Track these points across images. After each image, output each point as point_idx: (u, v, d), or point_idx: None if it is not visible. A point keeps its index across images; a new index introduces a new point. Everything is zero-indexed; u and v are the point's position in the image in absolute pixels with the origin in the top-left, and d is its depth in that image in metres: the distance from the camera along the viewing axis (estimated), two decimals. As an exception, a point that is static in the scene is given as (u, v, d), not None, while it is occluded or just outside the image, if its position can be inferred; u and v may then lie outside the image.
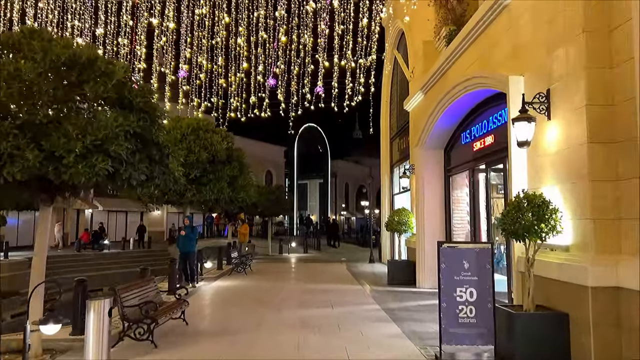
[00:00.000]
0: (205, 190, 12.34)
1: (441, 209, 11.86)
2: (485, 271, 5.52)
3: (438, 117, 10.86)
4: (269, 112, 17.15)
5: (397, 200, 18.73)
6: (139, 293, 6.86)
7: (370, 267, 17.38)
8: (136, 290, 6.80)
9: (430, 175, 11.94)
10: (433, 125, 11.21)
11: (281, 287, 12.05)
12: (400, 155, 17.74)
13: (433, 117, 11.11)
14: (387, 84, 19.32)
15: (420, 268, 11.81)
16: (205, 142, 12.47)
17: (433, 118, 11.12)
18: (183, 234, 12.09)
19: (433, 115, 11.09)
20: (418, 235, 11.96)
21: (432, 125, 11.24)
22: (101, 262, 26.05)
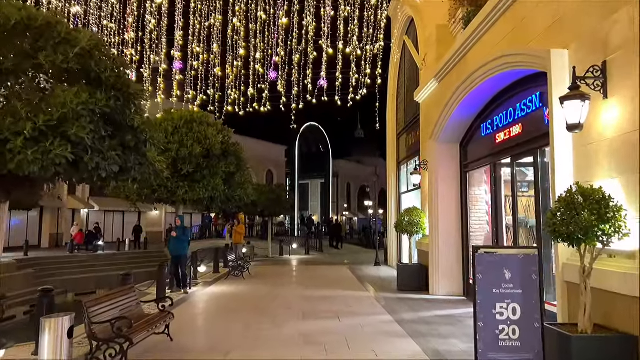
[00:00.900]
0: (199, 188, 11.31)
1: (457, 208, 10.82)
2: (531, 283, 4.48)
3: (455, 107, 9.82)
4: (268, 106, 16.22)
5: (404, 200, 17.70)
6: (113, 305, 5.83)
7: (376, 271, 16.34)
8: (109, 302, 5.76)
9: (444, 171, 10.89)
10: (449, 116, 10.18)
11: (281, 294, 11.01)
12: (408, 152, 16.71)
13: (449, 107, 10.07)
14: (393, 76, 18.29)
15: (434, 273, 10.76)
16: (199, 135, 11.45)
17: (449, 108, 10.08)
18: (174, 235, 11.06)
19: (449, 105, 10.06)
20: (431, 237, 10.92)
21: (448, 116, 10.20)
22: (94, 264, 25.04)
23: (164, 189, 11.23)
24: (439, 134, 10.78)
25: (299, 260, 21.34)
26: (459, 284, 10.66)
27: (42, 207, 31.52)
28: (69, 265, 24.16)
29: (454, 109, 9.90)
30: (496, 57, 7.46)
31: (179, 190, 11.16)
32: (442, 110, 10.43)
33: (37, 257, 23.49)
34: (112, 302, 5.83)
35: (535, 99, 7.38)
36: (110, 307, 5.72)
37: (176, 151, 11.06)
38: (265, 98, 15.71)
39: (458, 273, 10.68)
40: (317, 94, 14.52)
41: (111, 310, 5.71)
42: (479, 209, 10.54)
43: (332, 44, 12.54)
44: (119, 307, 5.96)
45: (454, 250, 10.71)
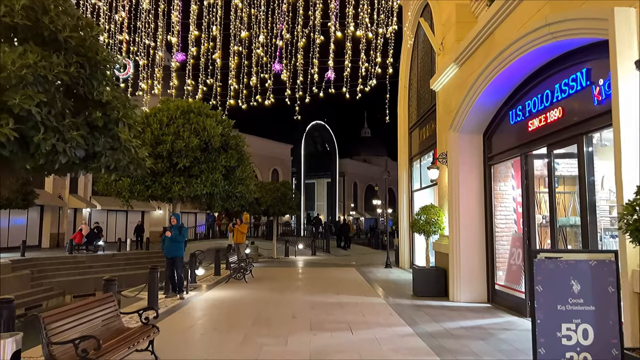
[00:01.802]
0: (196, 183, 10.34)
1: (480, 205, 9.77)
2: (608, 297, 3.48)
3: (479, 92, 8.79)
4: (272, 99, 15.39)
5: (416, 198, 16.67)
6: (84, 319, 4.86)
7: (388, 273, 15.31)
8: (78, 315, 4.79)
9: (466, 165, 9.86)
10: (472, 103, 9.14)
11: (286, 300, 10.02)
12: (421, 147, 15.68)
13: (472, 93, 9.04)
14: (405, 66, 17.24)
15: (455, 277, 9.73)
16: (196, 126, 10.48)
17: (472, 94, 9.05)
18: (168, 235, 10.10)
19: (472, 90, 9.02)
20: (451, 237, 9.88)
21: (471, 103, 9.16)
22: (93, 265, 24.22)
23: (158, 185, 10.28)
24: (460, 123, 9.74)
25: (305, 262, 20.35)
26: (483, 290, 9.62)
27: (42, 206, 30.82)
28: (67, 266, 23.36)
29: (478, 95, 8.87)
30: (536, 29, 6.42)
31: (174, 186, 10.20)
32: (464, 97, 9.40)
33: (34, 257, 22.68)
34: (82, 315, 4.86)
35: (580, 77, 6.34)
36: (79, 322, 4.75)
37: (171, 143, 10.11)
38: (269, 89, 14.80)
39: (481, 277, 9.63)
40: (324, 86, 13.73)
41: (80, 326, 4.75)
42: (504, 206, 9.49)
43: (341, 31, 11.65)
44: (91, 321, 4.99)
45: (476, 252, 9.67)
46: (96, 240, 26.70)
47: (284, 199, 20.94)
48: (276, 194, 20.45)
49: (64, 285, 22.24)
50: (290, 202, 21.27)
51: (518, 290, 8.42)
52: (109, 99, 4.23)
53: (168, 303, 9.55)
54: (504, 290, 9.03)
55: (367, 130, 77.42)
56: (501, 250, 9.43)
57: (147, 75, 14.89)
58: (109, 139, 4.32)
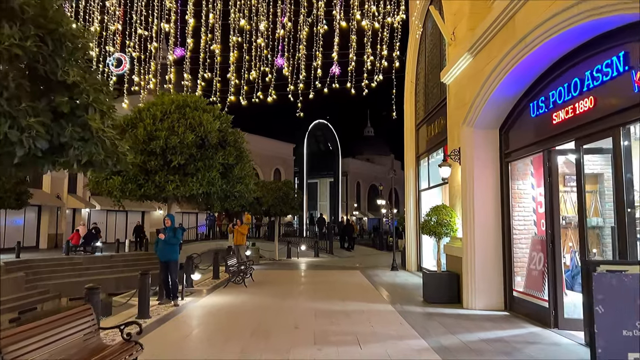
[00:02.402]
0: (192, 182, 9.68)
1: (496, 205, 9.08)
2: (685, 321, 2.78)
3: (497, 84, 8.10)
4: (274, 95, 14.80)
5: (424, 198, 16.00)
6: (53, 338, 4.20)
7: (394, 277, 14.63)
8: (46, 334, 4.13)
9: (481, 162, 9.17)
10: (488, 95, 8.45)
11: (287, 307, 9.35)
12: (429, 144, 15.01)
13: (489, 84, 8.36)
14: (412, 61, 16.56)
15: (469, 283, 9.04)
16: (192, 121, 9.83)
17: (489, 86, 8.37)
18: (162, 238, 9.45)
19: (489, 82, 8.34)
20: (465, 240, 9.20)
21: (487, 95, 8.48)
22: (90, 267, 23.63)
23: (151, 184, 9.62)
24: (475, 117, 9.05)
25: (308, 264, 19.69)
26: (499, 296, 8.93)
27: (39, 206, 30.27)
28: (63, 268, 22.78)
29: (496, 86, 8.18)
30: (567, 7, 5.74)
31: (168, 185, 9.55)
32: (479, 90, 8.72)
33: (29, 259, 22.10)
34: (51, 332, 4.21)
35: (617, 61, 5.65)
36: (47, 342, 4.09)
37: (165, 139, 9.46)
38: (271, 85, 14.31)
39: (498, 283, 8.95)
40: (328, 81, 13.24)
41: (48, 346, 4.09)
42: (523, 206, 8.80)
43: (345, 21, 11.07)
44: (63, 339, 4.34)
45: (492, 255, 8.99)
46: (94, 241, 26.10)
47: (286, 199, 20.28)
48: (278, 194, 19.78)
49: (60, 287, 21.66)
50: (292, 202, 20.60)
51: (540, 297, 7.74)
52: (77, 81, 3.56)
53: (161, 311, 8.90)
54: (523, 297, 8.35)
55: (370, 130, 76.77)
56: (519, 254, 8.75)
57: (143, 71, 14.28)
58: (77, 128, 3.64)
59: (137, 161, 9.55)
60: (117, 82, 12.72)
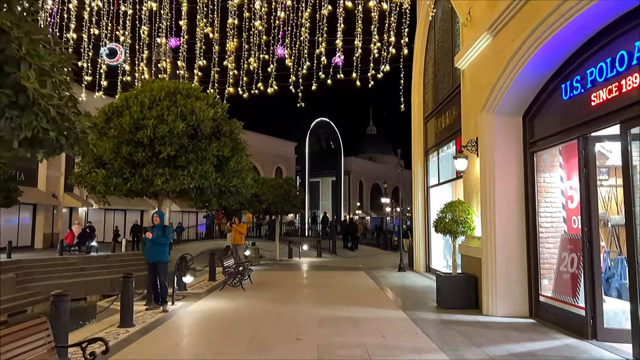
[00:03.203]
0: (183, 176, 8.80)
1: (519, 201, 8.18)
2: None
3: (524, 63, 7.19)
4: (275, 86, 13.98)
5: (433, 194, 15.11)
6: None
7: (402, 278, 13.73)
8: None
9: (502, 153, 8.26)
10: (513, 77, 7.54)
11: (288, 314, 8.46)
12: (438, 138, 14.12)
13: (513, 65, 7.45)
14: (420, 50, 15.66)
15: (489, 287, 8.14)
16: (183, 109, 8.95)
17: (513, 67, 7.46)
18: (149, 237, 8.58)
19: (513, 62, 7.43)
20: (485, 239, 8.29)
21: (512, 77, 7.57)
22: (85, 267, 22.78)
23: (139, 178, 8.75)
24: (495, 103, 8.15)
25: (310, 264, 18.80)
26: (524, 302, 8.03)
27: (34, 205, 29.47)
28: (57, 269, 21.92)
29: (522, 67, 7.28)
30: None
31: (156, 179, 8.67)
32: (501, 72, 7.81)
33: (21, 259, 21.26)
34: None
35: (678, 26, 4.74)
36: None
37: (153, 129, 8.58)
38: (271, 75, 13.57)
39: (522, 287, 8.04)
40: (331, 72, 12.52)
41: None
42: (550, 201, 7.90)
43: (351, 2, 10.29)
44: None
45: (515, 256, 8.09)
46: (89, 240, 25.26)
47: (287, 197, 19.38)
48: (279, 191, 18.89)
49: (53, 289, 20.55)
50: (294, 200, 19.71)
51: (573, 304, 6.83)
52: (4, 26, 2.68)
53: (147, 317, 8.02)
54: (552, 303, 7.44)
55: (372, 128, 75.98)
56: (546, 255, 7.84)
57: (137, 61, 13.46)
58: (6, 90, 2.77)
59: (123, 153, 8.69)
60: (109, 75, 11.95)
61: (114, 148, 8.69)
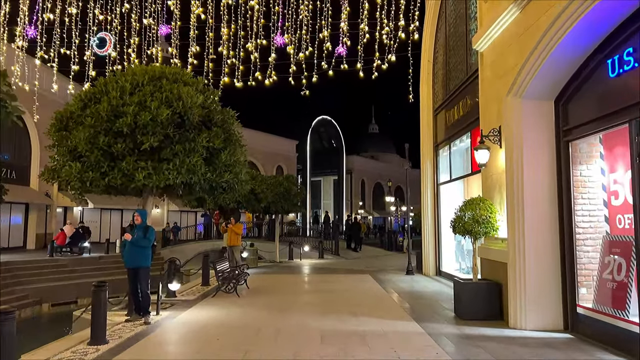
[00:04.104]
0: (168, 169, 7.77)
1: (551, 197, 7.14)
2: None
3: (563, 35, 6.14)
4: (274, 77, 13.01)
5: (443, 192, 14.08)
6: None
7: (412, 283, 12.68)
8: None
9: (531, 142, 7.22)
10: (547, 53, 6.49)
11: (287, 326, 7.43)
12: (450, 131, 13.09)
13: (549, 38, 6.39)
14: (429, 36, 14.61)
15: (517, 295, 7.09)
16: (169, 95, 7.91)
17: (549, 40, 6.40)
18: (128, 239, 7.56)
19: (549, 35, 6.38)
20: (513, 241, 7.24)
21: (546, 53, 6.52)
22: (76, 269, 21.78)
23: (118, 172, 7.71)
24: (524, 85, 7.10)
25: (312, 267, 17.76)
26: (557, 313, 6.98)
27: (26, 204, 28.49)
28: (46, 271, 20.89)
29: (559, 40, 6.24)
30: None
31: (137, 173, 7.64)
32: (532, 49, 6.76)
33: (9, 260, 20.24)
34: None
35: None
36: None
37: (133, 116, 7.55)
38: (270, 65, 12.65)
39: (555, 296, 7.00)
40: (334, 63, 11.66)
41: None
42: (588, 198, 6.85)
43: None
44: None
45: (548, 261, 7.04)
46: (81, 241, 24.26)
47: (288, 195, 18.34)
48: (278, 189, 17.84)
49: (42, 292, 19.81)
50: (294, 199, 18.66)
51: (621, 317, 5.80)
52: None
53: (125, 331, 6.99)
54: (593, 315, 6.40)
55: (374, 126, 74.98)
56: (584, 259, 6.80)
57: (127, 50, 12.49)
58: None
59: (100, 143, 7.67)
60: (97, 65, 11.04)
61: (89, 138, 7.66)
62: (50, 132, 8.39)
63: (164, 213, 38.75)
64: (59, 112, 8.38)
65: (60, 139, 8.20)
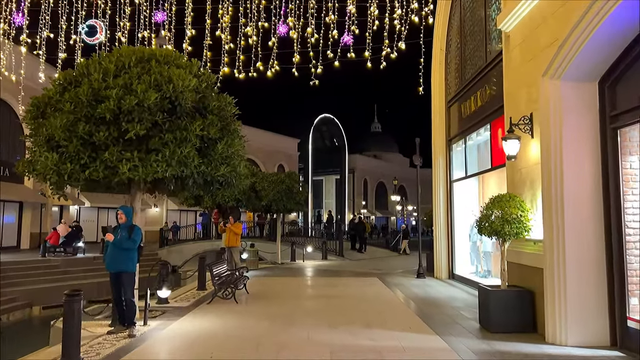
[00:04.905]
0: (156, 161, 6.85)
1: (596, 193, 6.21)
2: None
3: (613, 5, 5.22)
4: (277, 67, 12.25)
5: (457, 190, 13.17)
6: None
7: (425, 287, 11.75)
8: None
9: (573, 129, 6.29)
10: (595, 26, 5.57)
11: (290, 342, 6.50)
12: (463, 125, 12.19)
13: (597, 10, 5.47)
14: (441, 23, 13.68)
15: (556, 305, 6.16)
16: (157, 77, 6.99)
17: (596, 13, 5.48)
18: (110, 240, 6.65)
19: (597, 6, 5.45)
20: (550, 243, 6.31)
21: (593, 27, 5.59)
22: (70, 270, 20.91)
23: (100, 164, 6.80)
24: (566, 64, 6.16)
25: (315, 268, 16.84)
26: (603, 327, 6.05)
27: (20, 203, 27.62)
28: (38, 272, 20.00)
29: (610, 10, 5.30)
30: None
31: (122, 165, 6.73)
32: (576, 23, 5.83)
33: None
34: None
35: None
36: None
37: (117, 101, 6.64)
38: (273, 56, 11.86)
39: (601, 307, 6.07)
40: (339, 53, 10.89)
41: None
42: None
43: None
44: None
45: (591, 266, 6.12)
46: (76, 241, 23.36)
47: (290, 194, 17.41)
48: (280, 187, 16.92)
49: (32, 294, 18.91)
50: (297, 197, 17.74)
51: (689, 336, 4.87)
52: None
53: (105, 346, 6.07)
54: (649, 331, 5.48)
55: (377, 125, 74.13)
56: (635, 265, 5.87)
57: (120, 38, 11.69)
58: None
59: (80, 132, 6.75)
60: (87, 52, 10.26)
61: (67, 126, 6.74)
62: (26, 119, 7.48)
63: (162, 212, 37.87)
64: (36, 97, 7.47)
65: (37, 127, 7.29)
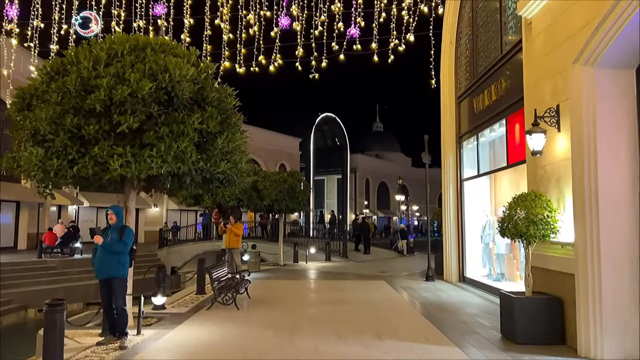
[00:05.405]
0: (151, 157, 6.29)
1: (633, 192, 5.64)
2: None
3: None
4: (280, 61, 11.79)
5: (467, 189, 12.61)
6: None
7: (435, 291, 11.17)
8: None
9: (609, 121, 5.72)
10: (637, 7, 5.00)
11: (295, 354, 5.94)
12: (475, 121, 11.62)
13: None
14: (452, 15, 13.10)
15: (590, 315, 5.59)
16: (153, 66, 6.44)
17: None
18: (99, 242, 6.09)
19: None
20: (583, 246, 5.74)
21: (635, 7, 5.02)
22: (66, 271, 20.40)
23: (89, 159, 6.24)
24: (600, 51, 5.59)
25: (320, 270, 16.27)
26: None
27: (17, 202, 27.09)
28: (33, 273, 19.50)
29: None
30: None
31: (113, 161, 6.17)
32: (616, 3, 5.25)
33: (-9, 263, 18.87)
34: None
35: None
36: None
37: (108, 91, 6.08)
38: (275, 49, 11.36)
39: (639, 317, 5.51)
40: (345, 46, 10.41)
41: None
42: (684, 192, 5.35)
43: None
44: None
45: (630, 272, 5.55)
46: (73, 241, 22.82)
47: (293, 193, 16.84)
48: (283, 186, 16.35)
49: (28, 296, 18.40)
50: (300, 197, 17.18)
51: None
52: None
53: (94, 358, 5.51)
54: (698, 345, 4.91)
55: (379, 125, 73.65)
56: (679, 271, 5.31)
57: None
58: None
59: (67, 124, 6.20)
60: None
61: (54, 118, 6.19)
62: (11, 111, 6.92)
63: (163, 212, 37.33)
64: (21, 88, 6.92)
65: (23, 119, 6.74)
